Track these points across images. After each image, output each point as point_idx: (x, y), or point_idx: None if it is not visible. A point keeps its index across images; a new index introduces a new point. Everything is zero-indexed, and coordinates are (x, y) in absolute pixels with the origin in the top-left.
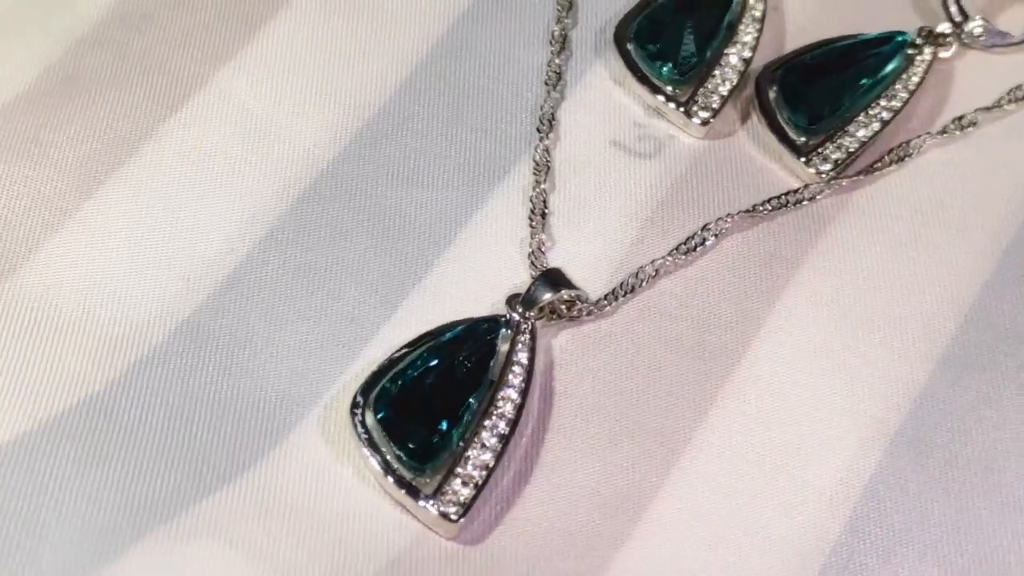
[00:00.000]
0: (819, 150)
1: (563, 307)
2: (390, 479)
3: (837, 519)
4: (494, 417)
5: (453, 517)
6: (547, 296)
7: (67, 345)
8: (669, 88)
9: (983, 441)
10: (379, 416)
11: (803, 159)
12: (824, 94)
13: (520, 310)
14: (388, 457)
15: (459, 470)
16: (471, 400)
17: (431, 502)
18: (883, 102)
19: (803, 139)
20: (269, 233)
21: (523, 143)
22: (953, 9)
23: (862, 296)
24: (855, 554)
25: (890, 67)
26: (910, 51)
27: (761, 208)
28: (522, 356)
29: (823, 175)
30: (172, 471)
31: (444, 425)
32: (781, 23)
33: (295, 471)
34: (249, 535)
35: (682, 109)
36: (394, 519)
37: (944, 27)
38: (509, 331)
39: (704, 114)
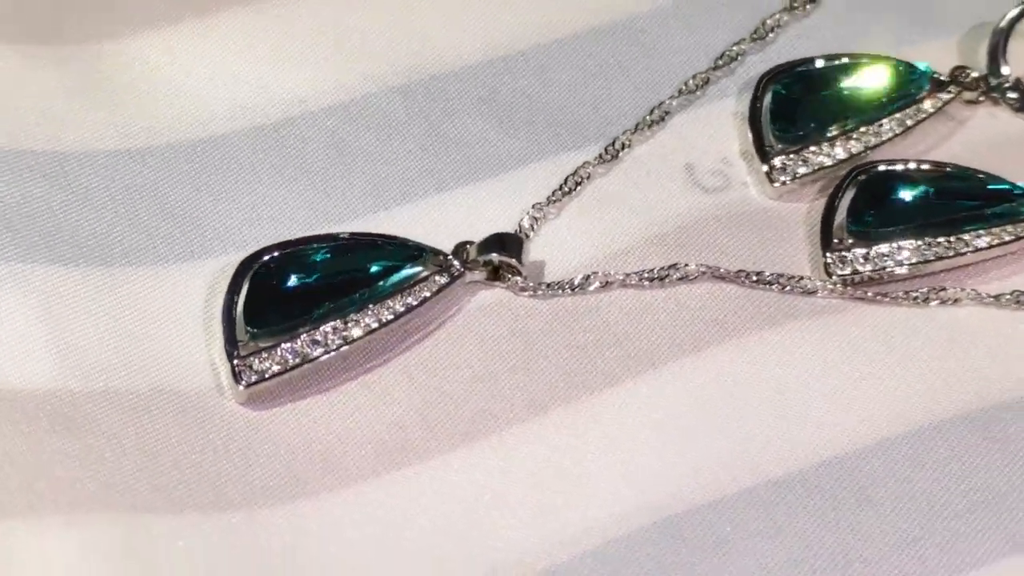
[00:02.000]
0: (847, 254)
1: (507, 274)
2: (224, 325)
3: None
4: (351, 323)
5: (242, 382)
6: (491, 254)
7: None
8: (774, 143)
9: (729, 567)
10: (256, 276)
11: (826, 255)
12: (897, 211)
13: (462, 256)
14: (236, 312)
15: (279, 348)
16: (346, 300)
17: (236, 360)
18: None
19: (845, 239)
20: (341, 104)
21: (619, 129)
22: None
23: (755, 397)
24: None
25: (999, 208)
26: None
27: (745, 277)
28: (425, 290)
29: (834, 276)
30: (42, 237)
31: (305, 308)
32: (949, 131)
33: (160, 289)
34: (63, 310)
35: (765, 165)
36: (204, 364)
37: None
38: (432, 266)
39: (782, 177)
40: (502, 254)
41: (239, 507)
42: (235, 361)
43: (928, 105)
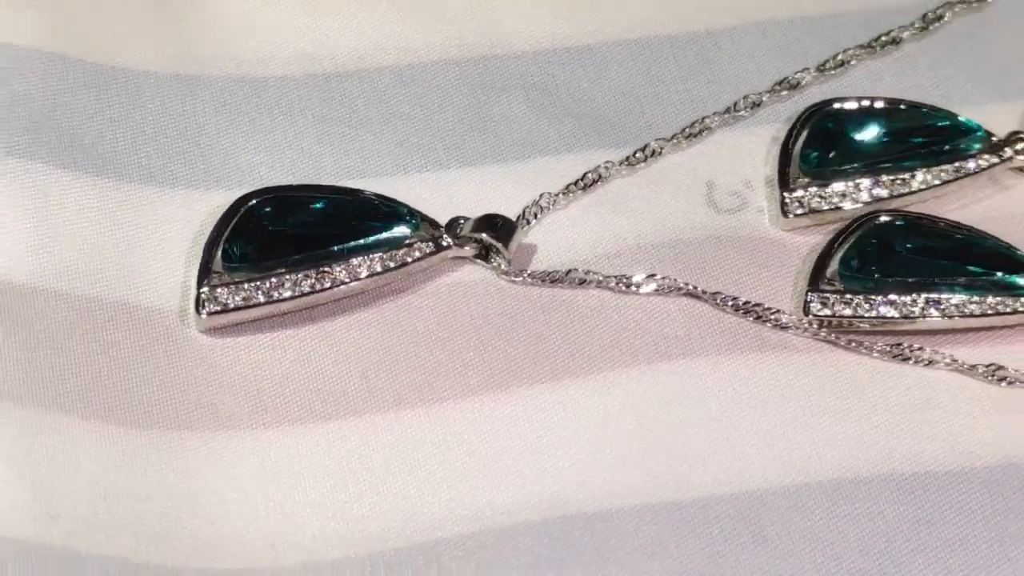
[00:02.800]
0: (830, 297)
1: (494, 255)
2: (203, 255)
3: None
4: (324, 274)
5: (204, 310)
6: (481, 234)
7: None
8: (799, 174)
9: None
10: (246, 213)
11: (809, 293)
12: (895, 264)
13: (455, 231)
14: (218, 245)
15: (248, 284)
16: (326, 251)
17: (203, 288)
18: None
19: (836, 282)
20: (396, 67)
21: (657, 135)
22: None
23: (688, 418)
24: None
25: (1005, 279)
26: None
27: (720, 300)
28: (405, 255)
29: (810, 315)
30: (61, 141)
31: (284, 252)
32: (988, 195)
33: (162, 210)
34: (57, 213)
35: (782, 195)
36: (177, 289)
37: None
38: (422, 234)
39: (797, 210)
40: (491, 235)
41: (154, 427)
42: (202, 289)
43: (972, 165)
